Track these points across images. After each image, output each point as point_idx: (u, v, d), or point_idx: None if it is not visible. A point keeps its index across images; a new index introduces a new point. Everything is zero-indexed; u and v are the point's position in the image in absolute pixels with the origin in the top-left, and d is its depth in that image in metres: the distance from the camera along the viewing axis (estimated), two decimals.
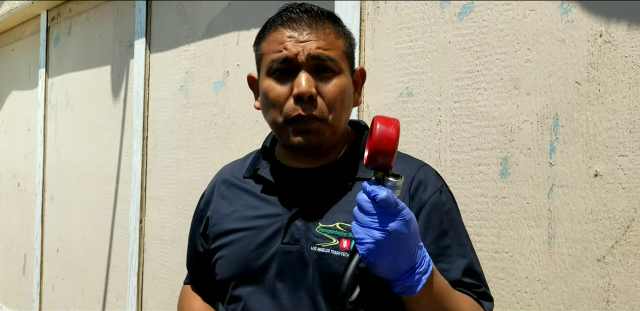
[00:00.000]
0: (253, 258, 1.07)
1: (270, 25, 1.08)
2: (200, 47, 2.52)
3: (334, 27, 1.07)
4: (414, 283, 0.90)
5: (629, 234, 1.24)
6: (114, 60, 3.17)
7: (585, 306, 1.30)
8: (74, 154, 3.55)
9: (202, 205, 1.24)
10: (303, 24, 1.04)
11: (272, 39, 1.06)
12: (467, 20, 1.54)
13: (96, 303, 3.26)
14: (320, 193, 1.07)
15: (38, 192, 3.90)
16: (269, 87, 1.05)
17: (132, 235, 2.90)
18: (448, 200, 1.08)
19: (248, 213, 1.11)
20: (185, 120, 2.59)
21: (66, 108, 3.65)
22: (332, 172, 1.09)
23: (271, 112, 1.06)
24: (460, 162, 1.54)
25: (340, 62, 1.05)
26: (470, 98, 1.52)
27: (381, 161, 0.87)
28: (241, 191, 1.15)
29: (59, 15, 3.74)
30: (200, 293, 1.27)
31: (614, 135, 1.26)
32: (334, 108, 1.04)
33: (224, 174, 1.24)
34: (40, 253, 3.86)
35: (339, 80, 1.05)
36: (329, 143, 1.08)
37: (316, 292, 1.01)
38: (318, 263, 1.01)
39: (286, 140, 1.06)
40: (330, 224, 1.03)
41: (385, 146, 0.85)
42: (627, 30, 1.25)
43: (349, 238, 1.01)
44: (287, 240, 1.05)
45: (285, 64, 1.03)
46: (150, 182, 2.83)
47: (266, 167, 1.14)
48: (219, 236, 1.14)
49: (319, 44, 1.03)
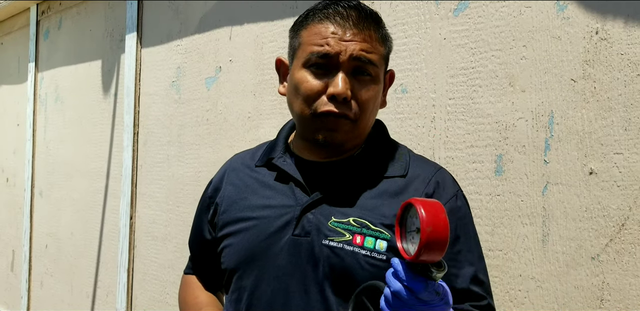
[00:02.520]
0: (262, 249, 1.05)
1: (315, 14, 1.04)
2: (192, 42, 2.50)
3: (378, 30, 1.05)
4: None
5: (623, 232, 1.23)
6: (104, 55, 3.14)
7: (579, 305, 1.29)
8: (64, 149, 3.52)
9: (210, 192, 1.21)
10: (350, 22, 1.01)
11: (316, 30, 1.03)
12: (462, 16, 1.53)
13: (85, 299, 3.23)
14: (334, 187, 1.05)
15: (27, 187, 3.87)
16: (303, 79, 1.03)
17: (122, 231, 2.88)
18: (463, 206, 1.07)
19: (259, 202, 1.09)
20: (177, 116, 2.57)
21: (56, 103, 3.62)
22: (349, 167, 1.07)
23: (300, 103, 1.04)
24: (455, 159, 1.53)
25: (379, 68, 1.04)
26: (465, 95, 1.51)
27: (434, 256, 0.77)
28: (252, 180, 1.13)
29: (49, 8, 3.69)
30: (203, 282, 1.25)
31: (609, 133, 1.26)
32: (365, 112, 1.03)
33: (235, 162, 1.21)
34: (29, 249, 3.83)
35: (374, 86, 1.04)
36: (351, 143, 1.07)
37: (325, 286, 1.00)
38: (329, 257, 1.00)
39: (309, 135, 1.05)
40: (344, 219, 1.02)
41: (439, 235, 0.75)
42: (623, 28, 1.25)
43: (362, 234, 1.00)
44: (297, 232, 1.03)
45: (325, 60, 1.01)
46: (140, 178, 2.81)
47: (281, 157, 1.12)
48: (228, 224, 1.12)
49: (362, 46, 1.01)
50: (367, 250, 0.99)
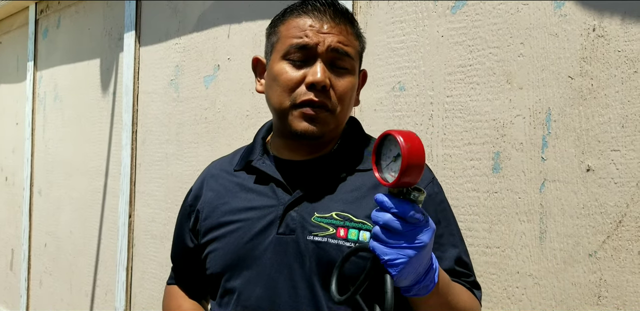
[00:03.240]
0: (247, 250, 1.06)
1: (293, 10, 1.08)
2: (191, 40, 2.50)
3: (353, 28, 1.09)
4: (428, 283, 0.90)
5: (620, 229, 1.23)
6: (103, 54, 3.14)
7: (577, 302, 1.30)
8: (63, 148, 3.52)
9: (190, 200, 1.22)
10: (327, 16, 1.05)
11: (294, 24, 1.06)
12: (460, 14, 1.53)
13: (84, 298, 3.24)
14: (314, 184, 1.07)
15: (26, 186, 3.87)
16: (282, 70, 1.05)
17: (121, 230, 2.88)
18: (440, 191, 1.10)
19: (241, 205, 1.10)
20: (175, 114, 2.57)
21: (55, 101, 3.62)
22: (326, 164, 1.09)
23: (279, 95, 1.06)
24: (452, 156, 1.53)
25: (354, 62, 1.07)
26: (463, 92, 1.51)
27: (414, 178, 0.81)
28: (232, 184, 1.15)
29: (47, 7, 3.69)
30: (187, 291, 1.25)
31: (606, 130, 1.26)
32: (342, 103, 1.05)
33: (213, 169, 1.23)
34: (28, 248, 3.83)
35: (351, 77, 1.07)
36: (329, 136, 1.09)
37: (313, 280, 1.02)
38: (315, 252, 1.02)
39: (289, 126, 1.06)
40: (327, 213, 1.03)
41: (417, 160, 0.80)
42: (621, 25, 1.25)
43: (345, 227, 1.02)
44: (282, 230, 1.05)
45: (304, 51, 1.04)
46: (139, 176, 2.81)
47: (259, 159, 1.13)
48: (211, 229, 1.13)
49: (339, 38, 1.05)
50: (352, 242, 1.01)
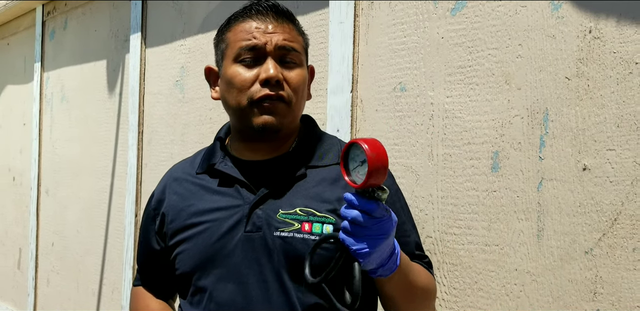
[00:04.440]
0: (216, 249, 1.10)
1: (237, 17, 1.16)
2: (196, 41, 2.53)
3: (295, 26, 1.16)
4: (392, 266, 0.99)
5: (615, 227, 1.26)
6: (109, 55, 3.18)
7: (573, 298, 1.32)
8: (70, 148, 3.56)
9: (153, 204, 1.25)
10: (270, 17, 1.12)
11: (240, 28, 1.13)
12: (459, 15, 1.56)
13: (91, 296, 3.27)
14: (276, 183, 1.12)
15: (33, 186, 3.91)
16: (235, 73, 1.11)
17: (127, 229, 2.91)
18: (394, 182, 1.20)
19: (207, 206, 1.14)
20: (181, 115, 2.60)
21: (62, 102, 3.66)
22: (286, 163, 1.14)
23: (235, 96, 1.11)
24: (452, 156, 1.56)
25: (302, 56, 1.14)
26: (462, 93, 1.54)
27: (379, 180, 0.91)
28: (196, 186, 1.18)
29: (54, 9, 3.74)
30: (153, 292, 1.29)
31: (602, 130, 1.28)
32: (297, 95, 1.12)
33: (175, 172, 1.26)
34: (36, 247, 3.87)
35: (301, 70, 1.13)
36: (287, 129, 1.14)
37: (282, 273, 1.07)
38: (283, 247, 1.07)
39: (249, 123, 1.11)
40: (291, 210, 1.09)
41: (381, 164, 0.90)
42: (616, 27, 1.27)
43: (309, 222, 1.08)
44: (249, 228, 1.09)
45: (254, 52, 1.10)
46: (145, 176, 2.84)
47: (222, 161, 1.17)
48: (179, 231, 1.16)
49: (285, 36, 1.11)
50: (316, 235, 1.07)
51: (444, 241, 1.57)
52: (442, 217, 1.58)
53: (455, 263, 1.54)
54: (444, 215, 1.57)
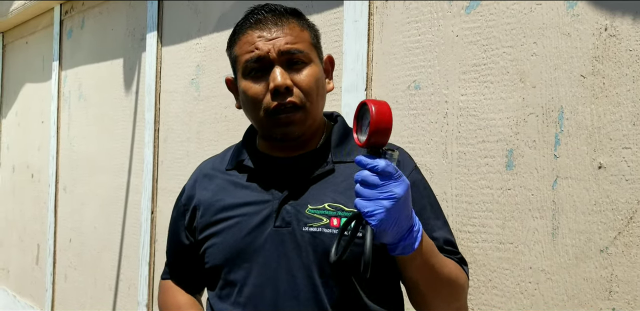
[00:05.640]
0: (246, 243, 1.11)
1: (239, 29, 1.15)
2: (211, 40, 2.55)
3: (297, 21, 1.14)
4: (413, 241, 0.97)
5: (631, 225, 1.25)
6: (126, 53, 3.21)
7: (588, 296, 1.32)
8: (87, 146, 3.60)
9: (184, 200, 1.26)
10: (269, 23, 1.11)
11: (243, 41, 1.13)
12: (474, 14, 1.55)
13: (108, 292, 3.31)
14: (304, 179, 1.13)
15: (51, 183, 3.96)
16: (246, 86, 1.12)
17: (143, 226, 2.94)
18: (423, 178, 1.18)
19: (236, 201, 1.15)
20: (196, 113, 2.62)
21: (79, 100, 3.70)
22: (314, 158, 1.15)
23: (252, 109, 1.13)
24: (467, 154, 1.56)
25: (309, 53, 1.13)
26: (477, 91, 1.54)
27: (381, 139, 0.92)
28: (225, 182, 1.20)
29: (72, 8, 3.78)
30: (181, 286, 1.30)
31: (617, 128, 1.28)
32: (310, 96, 1.11)
33: (205, 168, 1.28)
34: (54, 243, 3.92)
35: (310, 69, 1.12)
36: (309, 132, 1.15)
37: (311, 268, 1.08)
38: (311, 242, 1.08)
39: (269, 134, 1.13)
40: (319, 205, 1.10)
41: (384, 124, 0.91)
42: (632, 24, 1.26)
43: (338, 217, 1.08)
44: (279, 223, 1.10)
45: (259, 63, 1.10)
46: (161, 173, 2.87)
47: (250, 158, 1.19)
48: (209, 226, 1.17)
49: (286, 39, 1.10)
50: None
51: (458, 239, 1.57)
52: (457, 214, 1.58)
53: (469, 261, 1.54)
54: (458, 213, 1.58)
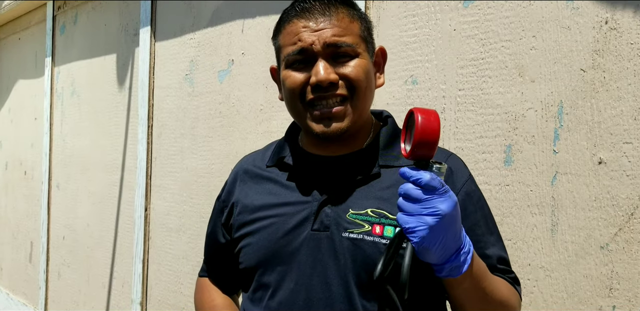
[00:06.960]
0: (282, 245, 1.05)
1: (285, 17, 1.08)
2: (205, 35, 2.52)
3: (348, 11, 1.05)
4: (460, 264, 0.90)
5: (632, 221, 1.24)
6: (119, 49, 3.17)
7: (588, 294, 1.30)
8: (80, 142, 3.57)
9: (223, 196, 1.21)
10: (316, 12, 1.04)
11: (288, 31, 1.06)
12: (472, 7, 1.53)
13: (101, 289, 3.29)
14: (348, 181, 1.06)
15: (44, 180, 3.92)
16: (287, 76, 1.05)
17: (137, 223, 2.92)
18: (477, 188, 1.09)
19: (274, 200, 1.10)
20: (190, 109, 2.60)
21: (72, 96, 3.67)
22: (360, 160, 1.08)
23: (291, 100, 1.06)
24: (464, 149, 1.54)
25: (357, 46, 1.04)
26: (475, 86, 1.52)
27: (425, 152, 0.86)
28: (265, 180, 1.14)
29: (65, 4, 3.74)
30: (218, 285, 1.26)
31: (618, 123, 1.26)
32: (357, 90, 1.03)
33: (245, 164, 1.22)
34: (47, 241, 3.89)
35: (358, 61, 1.03)
36: (353, 129, 1.06)
37: (348, 277, 1.01)
38: (351, 250, 1.01)
39: (308, 128, 1.05)
40: (362, 210, 1.02)
41: (429, 137, 0.85)
42: (633, 17, 1.24)
43: (381, 224, 1.01)
44: (316, 226, 1.04)
45: (302, 55, 1.03)
46: (155, 170, 2.84)
47: (292, 155, 1.12)
48: (245, 224, 1.12)
49: (333, 31, 1.02)
50: (388, 239, 0.99)
51: None
52: None
53: None
54: None
